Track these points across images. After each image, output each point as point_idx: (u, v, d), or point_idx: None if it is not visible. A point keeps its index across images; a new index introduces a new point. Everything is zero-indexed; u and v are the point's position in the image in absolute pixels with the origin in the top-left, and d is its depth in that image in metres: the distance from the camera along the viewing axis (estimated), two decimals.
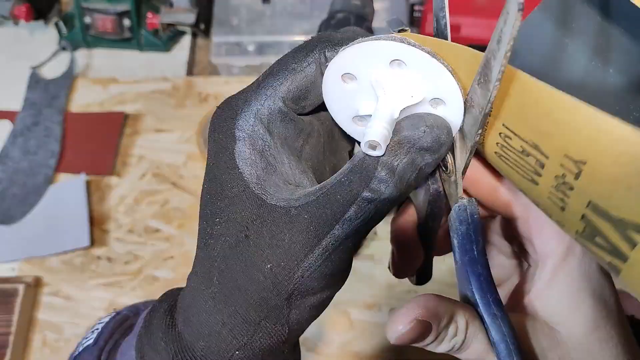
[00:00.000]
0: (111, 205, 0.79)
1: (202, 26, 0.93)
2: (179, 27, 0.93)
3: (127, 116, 0.86)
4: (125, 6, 0.88)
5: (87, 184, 0.80)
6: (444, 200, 0.29)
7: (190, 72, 0.92)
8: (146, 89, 0.89)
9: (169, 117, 0.86)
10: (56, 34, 0.93)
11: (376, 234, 0.75)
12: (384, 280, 0.72)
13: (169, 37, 0.93)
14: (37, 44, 0.94)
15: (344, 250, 0.25)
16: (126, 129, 0.85)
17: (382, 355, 0.68)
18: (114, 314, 0.35)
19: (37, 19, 0.93)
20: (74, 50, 0.92)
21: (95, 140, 0.84)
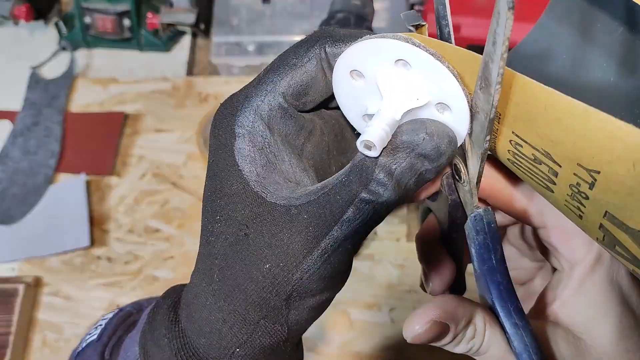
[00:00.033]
0: (111, 205, 0.79)
1: (202, 26, 0.93)
2: (179, 27, 0.93)
3: (127, 116, 0.86)
4: (125, 6, 0.88)
5: (87, 184, 0.80)
6: (463, 210, 0.28)
7: (190, 72, 0.92)
8: (146, 89, 0.89)
9: (169, 117, 0.86)
10: (56, 34, 0.93)
11: (376, 234, 0.75)
12: (384, 280, 0.72)
13: (169, 37, 0.93)
14: (37, 44, 0.94)
15: (343, 252, 0.24)
16: (126, 129, 0.85)
17: (382, 355, 0.68)
18: (117, 311, 0.35)
19: (37, 19, 0.93)
20: (74, 50, 0.92)
21: (95, 140, 0.84)
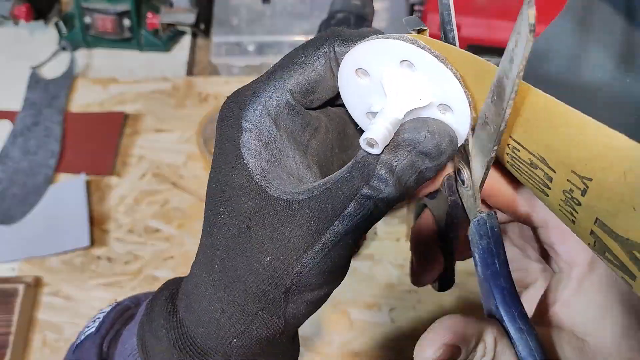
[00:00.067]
0: (111, 205, 0.79)
1: (202, 26, 0.93)
2: (179, 27, 0.93)
3: (127, 116, 0.86)
4: (125, 6, 0.88)
5: (87, 184, 0.80)
6: (462, 211, 0.29)
7: (190, 72, 0.92)
8: (146, 89, 0.89)
9: (169, 117, 0.86)
10: (56, 34, 0.93)
11: (376, 234, 0.75)
12: (384, 280, 0.72)
13: (169, 37, 0.93)
14: (37, 44, 0.94)
15: (344, 246, 0.25)
16: (126, 129, 0.85)
17: (382, 355, 0.68)
18: (115, 305, 0.35)
19: (37, 19, 0.93)
20: (74, 50, 0.92)
21: (95, 140, 0.84)
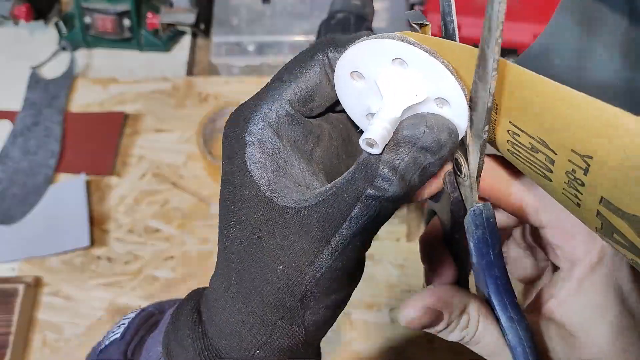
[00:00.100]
0: (111, 205, 0.79)
1: (202, 26, 0.93)
2: (179, 27, 0.93)
3: (127, 116, 0.86)
4: (125, 6, 0.88)
5: (87, 184, 0.80)
6: (465, 207, 0.28)
7: (190, 72, 0.92)
8: (146, 89, 0.89)
9: (169, 117, 0.86)
10: (56, 34, 0.93)
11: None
12: (384, 280, 0.72)
13: (169, 37, 0.93)
14: (37, 44, 0.94)
15: (353, 249, 0.25)
16: (126, 129, 0.85)
17: (382, 355, 0.68)
18: (139, 311, 0.36)
19: (37, 19, 0.93)
20: (74, 50, 0.92)
21: (95, 140, 0.84)
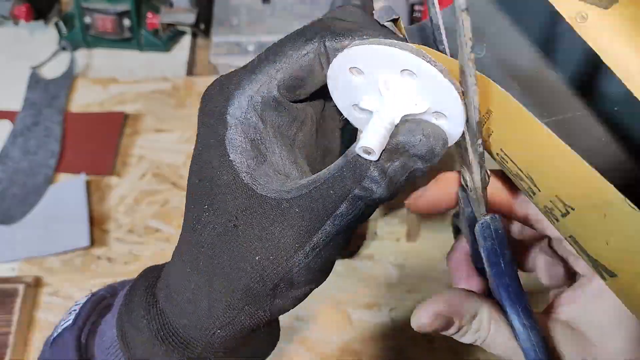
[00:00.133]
0: (111, 205, 0.79)
1: (202, 26, 0.93)
2: (179, 27, 0.93)
3: (127, 116, 0.86)
4: (125, 6, 0.88)
5: (87, 184, 0.80)
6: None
7: (190, 72, 0.92)
8: (146, 89, 0.89)
9: (169, 117, 0.86)
10: (56, 34, 0.93)
11: (376, 234, 0.75)
12: (384, 280, 0.72)
13: (169, 37, 0.92)
14: (37, 44, 0.94)
15: (334, 246, 0.25)
16: (126, 129, 0.85)
17: (382, 355, 0.68)
18: (90, 295, 0.34)
19: (37, 19, 0.93)
20: (74, 50, 0.92)
21: (95, 140, 0.84)
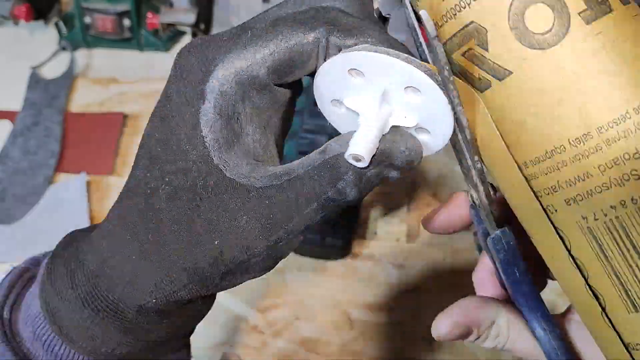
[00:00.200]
0: (111, 205, 0.79)
1: (202, 26, 0.93)
2: (179, 27, 0.93)
3: (127, 116, 0.86)
4: (125, 6, 0.88)
5: (87, 184, 0.80)
6: None
7: None
8: (146, 89, 0.89)
9: None
10: (56, 34, 0.93)
11: (376, 233, 0.75)
12: (384, 280, 0.72)
13: (169, 37, 0.92)
14: (37, 44, 0.94)
15: (297, 241, 0.25)
16: (126, 129, 0.85)
17: (382, 355, 0.68)
18: (11, 268, 0.32)
19: (37, 19, 0.93)
20: (74, 50, 0.92)
21: (95, 140, 0.84)
